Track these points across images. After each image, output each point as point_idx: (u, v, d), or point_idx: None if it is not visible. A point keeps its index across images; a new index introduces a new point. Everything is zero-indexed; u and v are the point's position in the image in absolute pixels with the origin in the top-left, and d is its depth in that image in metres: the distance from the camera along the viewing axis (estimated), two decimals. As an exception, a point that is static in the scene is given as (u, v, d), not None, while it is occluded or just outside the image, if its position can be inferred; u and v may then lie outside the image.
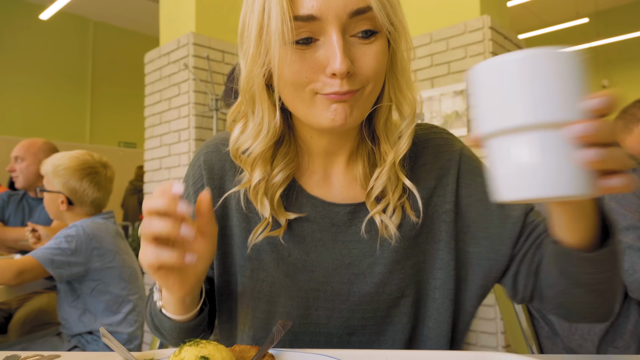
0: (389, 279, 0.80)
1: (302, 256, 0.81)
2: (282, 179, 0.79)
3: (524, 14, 8.44)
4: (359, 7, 0.64)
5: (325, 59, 0.66)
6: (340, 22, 0.64)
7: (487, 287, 0.83)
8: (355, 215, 0.82)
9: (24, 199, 2.70)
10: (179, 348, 0.54)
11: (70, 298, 1.77)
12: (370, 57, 0.68)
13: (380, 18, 0.65)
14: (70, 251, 1.69)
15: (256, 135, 0.75)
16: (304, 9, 0.64)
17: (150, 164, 3.94)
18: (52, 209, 1.89)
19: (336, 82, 0.66)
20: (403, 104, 0.76)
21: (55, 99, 8.25)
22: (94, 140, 8.72)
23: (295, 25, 0.64)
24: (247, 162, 0.77)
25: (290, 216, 0.80)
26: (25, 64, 7.93)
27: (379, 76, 0.71)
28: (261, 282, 0.82)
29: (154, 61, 3.94)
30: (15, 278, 1.61)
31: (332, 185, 0.84)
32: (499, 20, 3.28)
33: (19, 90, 7.83)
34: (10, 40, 7.76)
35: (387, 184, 0.78)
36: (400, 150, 0.76)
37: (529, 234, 0.80)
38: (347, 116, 0.68)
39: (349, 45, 0.67)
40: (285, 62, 0.66)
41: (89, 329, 1.75)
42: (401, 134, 0.77)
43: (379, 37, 0.69)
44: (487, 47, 3.15)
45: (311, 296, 0.80)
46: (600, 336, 1.51)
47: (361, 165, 0.82)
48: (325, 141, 0.80)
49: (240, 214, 0.83)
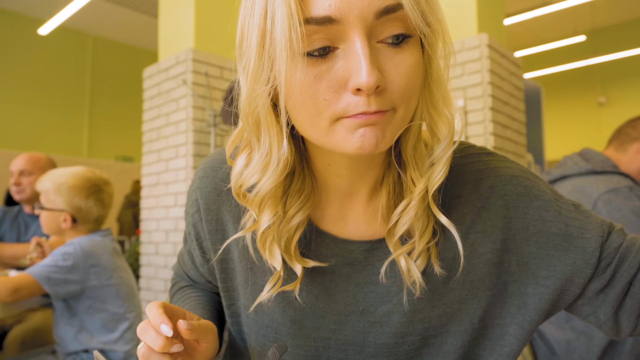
0: (410, 329, 0.67)
1: (312, 300, 0.70)
2: (298, 223, 0.65)
3: (521, 32, 8.47)
4: (387, 5, 0.49)
5: (347, 72, 0.51)
6: (365, 24, 0.50)
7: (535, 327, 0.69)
8: (373, 254, 0.68)
9: (19, 215, 2.69)
10: None
11: (67, 316, 1.76)
12: (403, 69, 0.53)
13: (413, 17, 0.50)
14: (67, 269, 1.68)
15: (264, 168, 0.60)
16: (318, 9, 0.49)
17: (147, 179, 3.94)
18: (51, 226, 1.88)
19: (362, 100, 0.51)
20: (439, 122, 0.59)
21: (53, 113, 8.23)
22: (91, 154, 8.70)
23: (307, 31, 0.50)
24: (255, 202, 0.63)
25: (310, 264, 0.66)
26: (24, 78, 7.92)
27: (414, 93, 0.56)
28: (265, 328, 0.72)
29: (152, 76, 3.95)
30: (10, 295, 1.60)
31: (349, 220, 0.70)
32: (496, 38, 3.30)
33: (17, 104, 7.82)
34: (8, 54, 7.76)
35: (414, 221, 0.62)
36: (434, 180, 0.60)
37: (617, 265, 0.64)
38: (379, 141, 0.53)
39: (377, 54, 0.52)
40: (294, 78, 0.52)
41: (85, 347, 1.73)
42: (435, 160, 0.60)
43: (411, 44, 0.54)
44: (484, 65, 3.16)
45: (321, 345, 0.70)
46: (598, 356, 1.50)
47: (385, 197, 0.67)
48: (345, 170, 0.65)
49: (243, 252, 0.73)
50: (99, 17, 8.08)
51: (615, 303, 0.64)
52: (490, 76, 3.16)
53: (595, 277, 0.64)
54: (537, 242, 0.66)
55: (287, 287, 0.66)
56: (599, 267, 0.64)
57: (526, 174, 0.70)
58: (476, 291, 0.68)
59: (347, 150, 0.54)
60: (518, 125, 3.47)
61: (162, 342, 0.59)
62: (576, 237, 0.65)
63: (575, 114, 9.29)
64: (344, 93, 0.52)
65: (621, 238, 0.65)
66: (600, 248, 0.64)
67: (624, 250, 0.64)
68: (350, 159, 0.62)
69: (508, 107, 3.34)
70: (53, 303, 1.79)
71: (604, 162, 1.72)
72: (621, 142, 1.84)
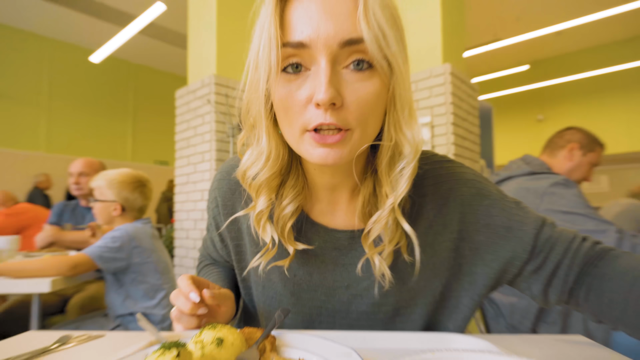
0: (384, 300, 0.68)
1: (306, 277, 0.70)
2: (291, 211, 0.65)
3: (477, 62, 8.50)
4: (350, 38, 0.50)
5: (312, 89, 0.52)
6: (331, 51, 0.51)
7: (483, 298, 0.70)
8: (356, 241, 0.68)
9: (77, 208, 2.68)
10: (200, 330, 0.53)
11: (115, 286, 1.77)
12: (361, 93, 0.52)
13: (372, 51, 0.51)
14: (116, 249, 1.69)
15: (257, 160, 0.61)
16: (294, 36, 0.52)
17: (179, 179, 3.93)
18: (103, 214, 1.89)
19: (320, 114, 0.51)
20: (403, 142, 0.57)
21: (103, 126, 8.22)
22: (134, 159, 8.69)
23: (284, 53, 0.52)
24: (253, 186, 0.63)
25: (299, 246, 0.66)
26: (79, 97, 7.91)
27: (370, 116, 0.54)
28: (270, 298, 0.74)
29: (183, 97, 3.94)
30: (70, 270, 1.60)
31: (335, 214, 0.70)
32: (457, 67, 3.30)
33: (74, 119, 7.81)
34: (67, 78, 7.75)
35: (384, 229, 0.61)
36: (398, 193, 0.58)
37: (548, 251, 0.64)
38: (336, 157, 0.54)
39: (339, 77, 0.52)
40: (276, 93, 0.54)
41: (130, 311, 1.75)
42: (400, 176, 0.58)
43: (374, 74, 0.53)
44: (447, 89, 3.17)
45: (314, 312, 0.71)
46: (535, 314, 1.52)
47: (361, 202, 0.65)
48: (327, 175, 0.65)
49: (250, 236, 0.74)
50: (139, 49, 8.06)
51: (545, 281, 0.65)
52: (452, 97, 3.17)
53: (530, 261, 0.65)
54: (485, 233, 0.67)
55: (280, 263, 0.67)
56: (533, 253, 0.65)
57: (478, 178, 0.70)
58: (437, 271, 0.68)
59: (312, 161, 0.55)
60: (473, 137, 3.48)
61: (190, 306, 0.61)
62: (516, 229, 0.65)
63: (519, 128, 9.32)
64: (309, 107, 0.53)
65: (552, 230, 0.66)
66: (534, 238, 0.65)
67: (553, 241, 0.64)
68: (326, 167, 0.63)
69: (466, 123, 3.35)
70: (104, 276, 1.80)
71: (541, 165, 1.74)
72: (552, 149, 1.87)
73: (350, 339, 0.63)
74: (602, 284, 0.61)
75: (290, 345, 0.58)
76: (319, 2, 0.51)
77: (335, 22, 0.51)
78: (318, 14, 0.51)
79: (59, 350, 0.65)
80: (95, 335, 0.73)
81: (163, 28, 7.21)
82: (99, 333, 0.74)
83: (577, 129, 1.86)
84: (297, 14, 0.52)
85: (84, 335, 0.73)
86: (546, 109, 9.13)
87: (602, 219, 1.50)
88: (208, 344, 0.51)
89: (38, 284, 1.52)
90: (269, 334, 0.57)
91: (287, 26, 0.53)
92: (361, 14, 0.50)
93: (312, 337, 0.58)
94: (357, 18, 0.50)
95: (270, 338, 0.57)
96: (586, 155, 1.81)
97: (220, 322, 0.62)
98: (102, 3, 6.43)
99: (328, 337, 0.58)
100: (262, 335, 0.57)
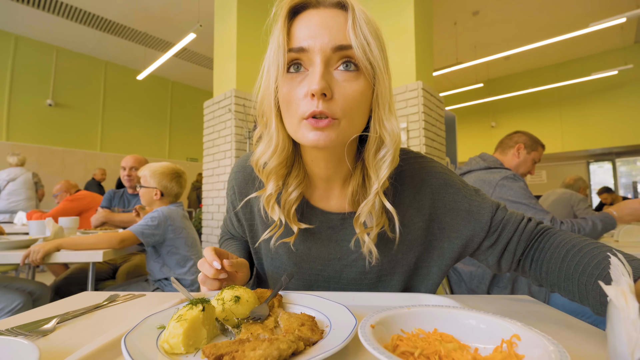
0: (369, 269, 0.68)
1: (306, 251, 0.70)
2: (295, 197, 0.65)
3: (443, 80, 8.50)
4: (341, 44, 0.52)
5: (309, 85, 0.52)
6: (324, 54, 0.52)
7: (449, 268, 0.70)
8: (347, 222, 0.68)
9: (124, 194, 2.67)
10: (221, 291, 0.53)
11: (154, 257, 1.76)
12: (347, 90, 0.52)
13: (358, 55, 0.52)
14: (154, 227, 1.68)
15: (267, 148, 0.61)
16: (297, 43, 0.53)
17: (206, 172, 3.92)
18: (146, 198, 1.88)
19: (314, 103, 0.51)
20: (384, 134, 0.57)
21: (146, 130, 8.18)
22: (170, 156, 8.66)
23: (289, 57, 0.53)
24: (264, 173, 0.63)
25: (302, 226, 0.66)
26: (128, 107, 7.86)
27: (355, 109, 0.54)
28: (277, 268, 0.73)
29: (209, 107, 3.92)
30: (119, 244, 1.60)
31: (330, 199, 0.69)
32: (428, 84, 3.30)
33: (124, 124, 7.77)
34: (118, 92, 7.70)
35: (371, 210, 0.60)
36: (380, 177, 0.58)
37: (501, 230, 0.65)
38: (327, 139, 0.53)
39: (330, 75, 0.53)
40: (280, 87, 0.55)
41: (166, 276, 1.74)
42: (383, 161, 0.58)
43: (359, 76, 0.53)
44: (420, 101, 3.16)
45: (313, 279, 0.71)
46: (489, 280, 1.52)
47: (351, 190, 0.64)
48: (323, 164, 0.63)
49: (260, 217, 0.73)
50: (175, 69, 8.01)
51: (499, 254, 0.66)
52: (423, 108, 3.16)
53: (486, 238, 0.66)
54: (451, 215, 0.67)
55: (287, 239, 0.67)
56: (489, 232, 0.65)
57: (444, 170, 0.70)
58: (412, 246, 0.68)
59: (307, 144, 0.54)
60: (440, 139, 3.47)
61: (213, 271, 0.60)
62: (475, 212, 0.66)
63: (476, 132, 9.33)
64: (306, 99, 0.52)
65: (504, 213, 0.66)
66: (490, 220, 0.65)
67: (505, 222, 0.65)
68: (321, 154, 0.61)
69: (434, 128, 3.34)
70: (145, 249, 1.79)
71: (495, 161, 1.73)
72: (503, 149, 1.86)
73: (342, 298, 0.62)
74: (542, 255, 0.62)
75: (294, 302, 0.57)
76: (317, 18, 0.54)
77: (329, 32, 0.52)
78: (316, 27, 0.53)
79: (109, 306, 0.65)
80: (138, 294, 0.72)
81: (194, 53, 7.16)
82: (141, 293, 0.73)
83: (523, 132, 1.85)
84: (300, 27, 0.54)
85: (129, 294, 0.72)
86: (497, 117, 9.15)
87: (541, 209, 1.49)
88: (227, 301, 0.51)
89: (93, 255, 1.51)
90: (277, 293, 0.57)
91: (292, 36, 0.54)
92: (350, 27, 0.52)
93: (311, 296, 0.57)
94: (347, 30, 0.52)
95: (277, 297, 0.57)
96: (530, 154, 1.80)
97: (237, 285, 0.61)
98: (146, 33, 6.38)
99: (324, 297, 0.58)
100: (271, 295, 0.56)
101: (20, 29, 6.15)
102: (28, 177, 4.61)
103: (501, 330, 0.38)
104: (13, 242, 1.58)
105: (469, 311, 0.42)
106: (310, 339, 0.41)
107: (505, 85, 8.76)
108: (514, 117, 8.77)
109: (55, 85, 6.76)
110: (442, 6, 5.64)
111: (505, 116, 8.97)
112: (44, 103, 6.58)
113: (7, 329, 0.50)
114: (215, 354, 0.36)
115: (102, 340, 0.41)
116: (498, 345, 0.37)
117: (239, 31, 3.68)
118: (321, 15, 0.54)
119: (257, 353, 0.34)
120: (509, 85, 8.65)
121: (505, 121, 9.00)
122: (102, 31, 6.30)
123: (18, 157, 4.67)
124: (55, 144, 6.72)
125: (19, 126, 6.27)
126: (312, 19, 0.54)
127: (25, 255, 1.44)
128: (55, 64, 6.77)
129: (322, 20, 0.53)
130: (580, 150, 8.00)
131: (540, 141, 1.84)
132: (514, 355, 0.34)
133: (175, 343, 0.40)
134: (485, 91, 8.76)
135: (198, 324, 0.43)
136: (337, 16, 0.54)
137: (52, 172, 6.56)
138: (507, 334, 0.37)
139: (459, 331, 0.40)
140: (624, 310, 0.29)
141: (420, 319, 0.42)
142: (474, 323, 0.41)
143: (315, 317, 0.49)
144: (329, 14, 0.54)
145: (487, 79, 8.81)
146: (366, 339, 0.34)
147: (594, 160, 8.81)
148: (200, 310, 0.44)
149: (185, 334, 0.41)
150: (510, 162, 1.80)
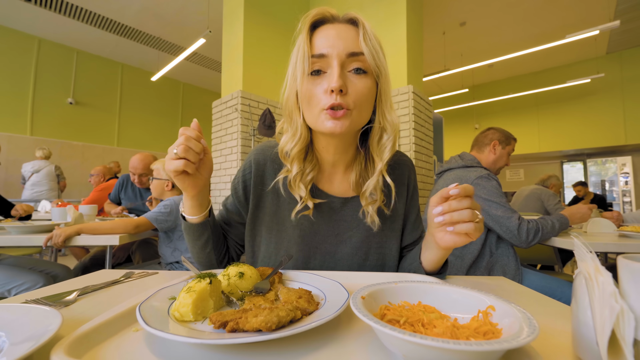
0: (361, 246, 0.72)
1: (310, 225, 0.72)
2: (310, 179, 0.70)
3: (432, 85, 8.48)
4: (354, 51, 0.59)
5: (328, 84, 0.58)
6: (340, 59, 0.59)
7: None
8: (346, 204, 0.73)
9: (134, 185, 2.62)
10: (226, 268, 0.53)
11: (166, 241, 1.76)
12: (358, 87, 0.60)
13: (369, 61, 0.59)
14: (166, 214, 1.68)
15: (292, 138, 0.66)
16: (318, 50, 0.59)
17: (214, 166, 3.92)
18: (158, 189, 1.87)
19: (333, 97, 0.58)
20: (386, 124, 0.65)
21: (159, 127, 8.12)
22: (182, 152, 8.63)
23: (311, 62, 0.60)
24: (290, 159, 0.68)
25: (317, 201, 0.71)
26: (143, 107, 7.80)
27: (363, 103, 0.61)
28: (283, 239, 0.73)
29: (217, 106, 3.90)
30: (134, 229, 1.60)
31: (333, 184, 0.74)
32: (418, 88, 3.29)
33: (138, 122, 7.71)
34: (134, 93, 7.63)
35: (376, 187, 0.68)
36: (383, 157, 0.66)
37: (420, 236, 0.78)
38: (341, 127, 0.59)
39: (345, 76, 0.59)
40: (304, 88, 0.61)
41: (177, 259, 1.74)
42: (384, 146, 0.66)
43: (367, 77, 0.61)
44: (410, 104, 3.15)
45: (312, 252, 0.72)
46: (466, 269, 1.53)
47: (354, 174, 0.71)
48: (332, 149, 0.69)
49: (274, 193, 0.74)
50: (187, 72, 7.94)
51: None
52: (414, 110, 3.15)
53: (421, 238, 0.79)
54: (411, 212, 0.78)
55: (307, 212, 0.70)
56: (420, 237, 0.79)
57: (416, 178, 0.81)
58: (397, 220, 0.76)
59: (326, 130, 0.61)
60: (429, 139, 3.47)
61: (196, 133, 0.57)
62: (420, 220, 0.80)
63: (461, 134, 9.31)
64: (325, 95, 0.59)
65: None
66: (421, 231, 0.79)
67: None
68: (332, 141, 0.67)
69: (423, 129, 3.34)
70: (159, 234, 1.79)
71: (472, 160, 1.71)
72: (479, 147, 1.81)
73: (336, 276, 0.63)
74: None
75: (293, 279, 0.58)
76: (333, 31, 0.61)
77: (344, 42, 0.60)
78: (333, 37, 0.60)
79: (125, 281, 0.65)
80: (152, 272, 0.73)
81: (204, 56, 7.10)
82: (154, 271, 0.74)
83: (496, 129, 1.80)
84: (320, 38, 0.61)
85: (143, 272, 0.72)
86: (480, 120, 9.14)
87: (509, 208, 1.49)
88: (232, 276, 0.51)
89: (110, 239, 1.51)
90: (277, 271, 0.58)
91: (313, 45, 0.61)
92: (362, 38, 0.60)
93: (308, 274, 0.58)
94: (359, 40, 0.60)
95: (278, 274, 0.57)
96: (505, 148, 1.76)
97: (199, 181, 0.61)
98: (160, 38, 6.32)
99: (320, 274, 0.58)
100: (272, 272, 0.57)
101: (43, 32, 6.08)
102: (51, 169, 4.59)
103: (478, 302, 0.39)
104: (37, 227, 1.57)
105: (450, 286, 0.43)
106: (307, 309, 0.41)
107: (488, 90, 8.74)
108: (496, 120, 8.77)
109: (76, 85, 6.70)
110: (432, 17, 5.61)
111: (488, 119, 8.96)
112: (65, 101, 6.53)
113: (33, 299, 0.50)
114: (220, 320, 0.36)
115: (119, 308, 0.42)
116: (475, 315, 0.37)
117: (245, 37, 3.65)
118: (337, 28, 0.61)
119: (259, 319, 0.35)
120: (492, 91, 8.63)
121: (488, 123, 8.99)
122: (119, 35, 6.23)
123: (44, 151, 4.65)
124: (75, 139, 6.68)
125: (42, 122, 6.22)
126: (330, 32, 0.61)
127: (48, 238, 1.44)
128: (75, 65, 6.71)
129: (338, 33, 0.61)
130: (555, 151, 8.01)
131: (512, 135, 1.79)
132: (489, 323, 0.34)
133: (185, 312, 0.41)
134: (470, 96, 8.75)
135: (205, 295, 0.43)
136: (349, 30, 0.61)
137: (72, 165, 6.52)
138: (483, 306, 0.38)
139: (440, 303, 0.41)
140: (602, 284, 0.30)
141: (406, 292, 0.43)
142: (454, 296, 0.42)
143: (312, 291, 0.50)
144: (343, 27, 0.61)
145: (472, 84, 8.78)
146: (357, 308, 0.35)
147: (567, 160, 8.83)
148: (208, 283, 0.44)
149: (194, 303, 0.41)
150: (487, 158, 1.77)
